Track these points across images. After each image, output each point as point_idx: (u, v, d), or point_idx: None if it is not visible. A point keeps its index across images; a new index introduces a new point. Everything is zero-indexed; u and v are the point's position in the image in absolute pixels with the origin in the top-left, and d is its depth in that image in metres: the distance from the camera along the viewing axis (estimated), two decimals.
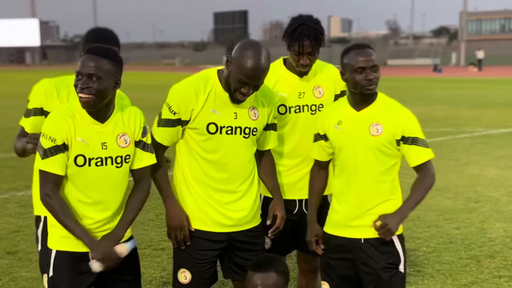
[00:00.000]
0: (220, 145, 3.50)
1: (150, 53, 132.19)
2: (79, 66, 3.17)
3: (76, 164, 3.22)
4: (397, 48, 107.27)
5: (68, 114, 3.22)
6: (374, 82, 3.45)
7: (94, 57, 3.18)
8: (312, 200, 3.81)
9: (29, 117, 3.63)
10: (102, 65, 3.16)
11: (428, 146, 3.54)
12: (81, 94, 3.14)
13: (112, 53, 3.22)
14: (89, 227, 3.27)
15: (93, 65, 3.16)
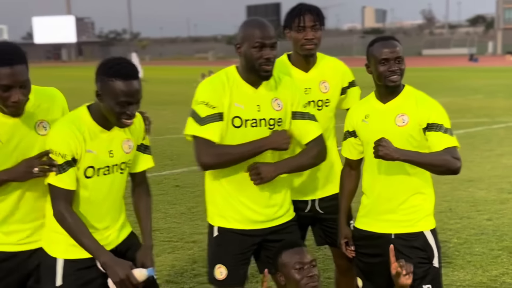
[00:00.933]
0: (246, 138, 3.46)
1: (184, 47, 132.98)
2: (123, 95, 3.03)
3: (85, 176, 3.19)
4: (432, 37, 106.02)
5: (76, 126, 3.14)
6: (398, 73, 3.46)
7: (136, 82, 3.10)
8: (342, 203, 3.80)
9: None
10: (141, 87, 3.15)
11: (453, 135, 3.49)
12: (129, 121, 3.10)
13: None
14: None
15: (139, 89, 3.10)
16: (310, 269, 3.19)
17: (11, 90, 2.93)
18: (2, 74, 2.91)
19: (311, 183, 3.92)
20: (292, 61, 3.88)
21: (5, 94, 2.93)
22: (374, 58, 3.49)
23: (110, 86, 3.06)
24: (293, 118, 3.57)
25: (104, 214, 3.29)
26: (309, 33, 3.72)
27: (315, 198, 3.96)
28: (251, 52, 3.38)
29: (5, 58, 2.92)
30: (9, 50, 2.98)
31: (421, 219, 3.55)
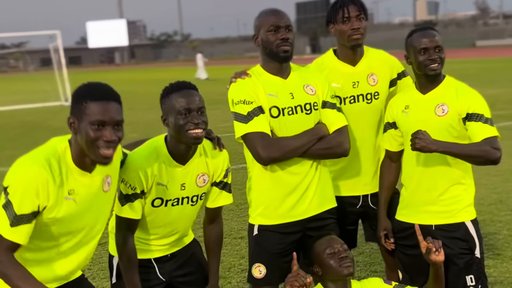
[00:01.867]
0: (286, 127, 3.51)
1: (234, 47, 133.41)
2: (182, 103, 3.11)
3: (152, 205, 3.29)
4: (487, 28, 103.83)
5: (154, 158, 3.21)
6: (437, 62, 3.47)
7: (193, 91, 3.18)
8: (382, 195, 3.81)
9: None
10: (201, 97, 3.20)
11: (493, 125, 3.46)
12: (197, 130, 3.11)
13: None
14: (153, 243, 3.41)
15: (199, 98, 3.16)
16: (341, 253, 3.27)
17: (105, 128, 2.75)
18: (97, 109, 2.74)
19: (363, 179, 3.92)
20: (339, 55, 3.88)
21: (97, 133, 2.74)
22: (413, 48, 3.52)
23: (169, 103, 3.15)
24: (322, 107, 3.60)
25: (165, 236, 3.41)
26: (354, 23, 3.72)
27: (367, 193, 3.95)
28: (267, 37, 3.49)
29: (103, 93, 2.80)
30: (105, 87, 2.85)
31: (461, 210, 3.55)
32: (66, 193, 2.79)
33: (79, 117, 2.75)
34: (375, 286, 3.41)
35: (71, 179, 2.81)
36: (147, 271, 3.39)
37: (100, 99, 2.75)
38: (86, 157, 2.81)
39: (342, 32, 3.76)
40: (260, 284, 3.67)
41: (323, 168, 3.64)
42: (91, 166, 2.87)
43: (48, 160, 2.76)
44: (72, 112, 2.79)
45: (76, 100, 2.80)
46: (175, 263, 3.49)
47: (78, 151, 2.81)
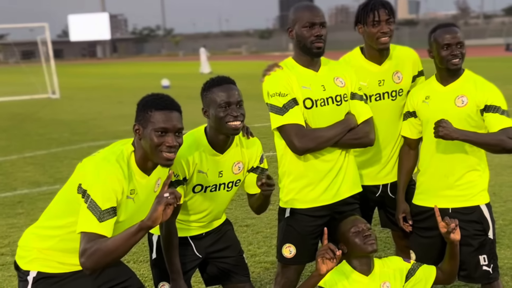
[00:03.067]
0: (319, 118, 3.72)
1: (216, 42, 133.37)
2: (222, 96, 3.37)
3: (193, 191, 3.57)
4: (468, 28, 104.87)
5: (195, 148, 3.49)
6: (459, 57, 3.73)
7: (232, 86, 3.45)
8: (401, 179, 4.05)
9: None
10: (240, 92, 3.47)
11: (509, 117, 3.75)
12: (236, 122, 3.38)
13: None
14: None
15: (237, 92, 3.44)
16: (366, 231, 3.51)
17: (167, 135, 3.04)
18: (161, 118, 3.03)
19: (384, 169, 4.15)
20: (365, 54, 4.07)
21: (160, 139, 3.03)
22: (436, 43, 3.76)
23: (210, 97, 3.41)
24: (351, 98, 3.82)
25: (202, 217, 3.69)
26: (384, 27, 3.89)
27: (387, 183, 4.19)
28: (302, 32, 3.68)
29: (167, 103, 3.09)
30: (168, 98, 3.15)
31: (477, 194, 3.82)
32: (128, 193, 3.06)
33: (144, 124, 3.06)
34: (395, 263, 3.66)
35: (134, 180, 3.09)
36: (185, 248, 3.64)
37: (164, 109, 3.05)
38: (148, 161, 3.11)
39: (371, 34, 3.93)
40: (290, 263, 3.91)
41: (350, 156, 3.88)
42: (150, 169, 3.15)
43: (118, 161, 3.04)
44: (137, 119, 3.10)
45: (141, 108, 3.10)
46: (210, 240, 3.77)
47: (141, 154, 3.10)
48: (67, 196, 3.13)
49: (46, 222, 3.25)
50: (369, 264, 3.56)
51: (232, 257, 3.84)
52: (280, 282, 3.94)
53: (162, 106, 3.06)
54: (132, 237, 2.83)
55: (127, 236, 2.84)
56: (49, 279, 3.18)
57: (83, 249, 2.89)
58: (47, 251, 3.18)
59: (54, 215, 3.23)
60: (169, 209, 2.82)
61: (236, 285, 3.84)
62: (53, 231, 3.18)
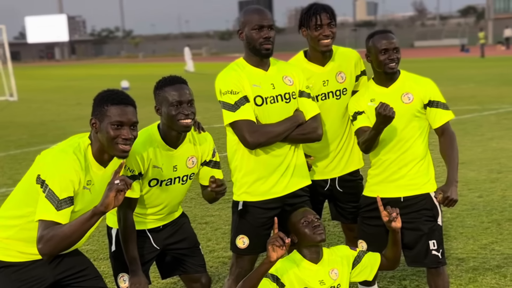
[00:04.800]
0: (269, 114, 3.92)
1: (176, 44, 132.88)
2: (174, 96, 3.54)
3: (149, 185, 3.74)
4: (424, 29, 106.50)
5: (149, 144, 3.65)
6: (395, 61, 4.00)
7: (184, 85, 3.63)
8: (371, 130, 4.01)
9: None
10: (191, 91, 3.65)
11: (449, 108, 4.08)
12: (187, 120, 3.56)
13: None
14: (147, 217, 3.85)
15: (189, 92, 3.62)
16: (315, 222, 3.72)
17: (123, 128, 3.22)
18: (117, 112, 3.21)
19: (331, 164, 4.37)
20: (309, 57, 4.29)
21: (116, 132, 3.21)
22: (374, 48, 4.01)
23: (163, 95, 3.59)
24: (299, 96, 4.03)
25: (159, 210, 3.85)
26: (326, 30, 4.11)
27: (335, 177, 4.41)
28: (251, 34, 3.89)
29: (122, 98, 3.27)
30: (123, 93, 3.34)
31: (426, 182, 4.09)
32: (85, 183, 3.23)
33: (100, 119, 3.23)
34: (343, 251, 3.88)
35: (90, 172, 3.25)
36: (143, 240, 3.81)
37: (120, 103, 3.24)
38: (105, 153, 3.28)
39: (314, 37, 4.15)
40: (243, 253, 4.11)
41: (299, 150, 4.09)
42: (107, 162, 3.32)
43: (75, 153, 3.21)
44: (94, 114, 3.27)
45: (98, 103, 3.28)
46: (167, 233, 3.94)
47: (98, 147, 3.27)
48: (26, 187, 3.27)
49: (6, 212, 3.38)
50: (318, 252, 3.77)
51: (188, 248, 4.02)
52: (234, 272, 4.13)
53: (118, 101, 3.24)
54: (86, 222, 3.01)
55: (82, 221, 3.02)
56: (9, 267, 3.30)
57: (40, 236, 3.04)
58: (7, 241, 3.31)
59: (13, 205, 3.36)
60: (120, 195, 2.98)
61: (193, 276, 4.01)
62: (12, 221, 3.31)
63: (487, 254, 5.75)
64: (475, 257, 5.66)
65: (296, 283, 3.67)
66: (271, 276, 3.62)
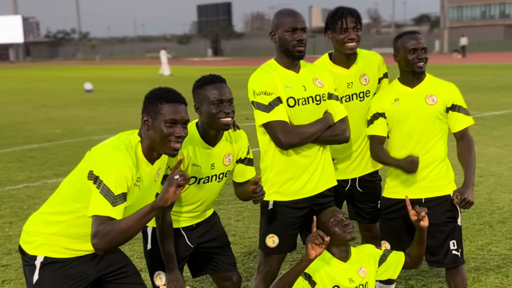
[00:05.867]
0: (301, 116, 3.98)
1: (133, 47, 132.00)
2: (215, 94, 3.59)
3: (187, 184, 3.72)
4: (380, 37, 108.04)
5: (188, 142, 3.64)
6: (424, 61, 4.10)
7: (224, 84, 3.67)
8: (391, 159, 4.21)
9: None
10: (230, 91, 3.68)
11: (470, 114, 4.18)
12: (227, 118, 3.59)
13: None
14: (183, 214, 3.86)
15: (229, 91, 3.66)
16: (344, 221, 3.79)
17: (176, 126, 3.23)
18: (171, 110, 3.22)
19: (352, 165, 4.45)
20: (334, 59, 4.37)
21: (170, 129, 3.22)
22: (403, 48, 4.10)
23: (204, 94, 3.62)
24: (328, 98, 4.09)
25: (194, 208, 3.86)
26: (351, 34, 4.19)
27: (355, 177, 4.49)
28: (284, 36, 3.95)
29: (175, 97, 3.28)
30: (176, 91, 3.33)
31: (447, 184, 4.20)
32: (136, 180, 3.23)
33: (153, 116, 3.24)
34: (369, 250, 3.96)
35: (140, 169, 3.25)
36: (177, 239, 3.82)
37: (173, 102, 3.26)
38: (154, 150, 3.29)
39: (339, 40, 4.23)
40: (273, 252, 4.15)
41: (327, 151, 4.16)
42: (155, 159, 3.33)
43: (127, 150, 3.21)
44: (146, 111, 3.27)
45: (151, 101, 3.28)
46: (200, 231, 3.96)
47: (148, 144, 3.28)
48: (76, 183, 3.26)
49: (53, 208, 3.35)
50: (347, 251, 3.83)
51: (220, 247, 4.04)
52: (263, 270, 4.17)
53: (172, 99, 3.26)
54: (144, 217, 3.01)
55: (140, 216, 3.02)
56: (55, 263, 3.29)
57: (95, 231, 3.02)
58: (53, 237, 3.29)
59: (61, 201, 3.33)
60: (178, 190, 3.00)
61: (224, 274, 4.03)
62: (59, 217, 3.29)
63: (485, 255, 5.90)
64: (474, 258, 5.80)
65: (327, 281, 3.73)
66: (304, 274, 3.67)
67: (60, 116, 18.57)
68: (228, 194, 8.01)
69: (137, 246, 6.31)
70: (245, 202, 7.37)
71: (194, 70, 39.54)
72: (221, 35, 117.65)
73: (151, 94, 3.32)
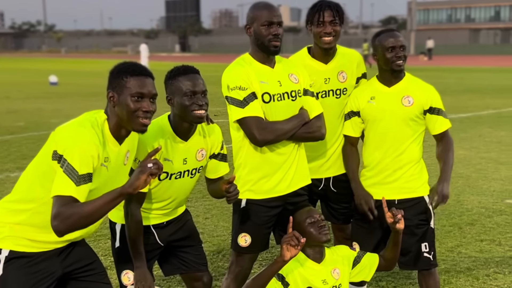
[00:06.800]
0: (276, 112, 3.86)
1: (100, 40, 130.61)
2: (188, 85, 3.43)
3: (159, 179, 3.59)
4: (348, 37, 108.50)
5: (160, 135, 3.52)
6: (402, 59, 4.01)
7: (198, 76, 3.51)
8: (354, 174, 4.21)
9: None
10: (204, 81, 3.54)
11: (448, 117, 4.09)
12: (201, 111, 3.44)
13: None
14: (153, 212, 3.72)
15: (202, 82, 3.51)
16: (320, 222, 3.70)
17: (143, 100, 3.06)
18: (137, 83, 3.05)
19: (326, 163, 4.35)
20: (312, 53, 4.27)
21: (137, 104, 3.04)
22: (381, 46, 4.00)
23: (176, 85, 3.47)
24: (304, 94, 3.99)
25: (165, 205, 3.71)
26: (327, 27, 4.09)
27: (329, 176, 4.39)
28: (260, 30, 3.83)
29: (141, 70, 3.12)
30: (141, 65, 3.17)
31: (420, 186, 4.10)
32: (103, 160, 3.04)
33: (119, 91, 3.06)
34: (343, 251, 3.87)
35: (107, 148, 3.07)
36: (147, 236, 3.67)
37: (140, 75, 3.07)
38: (122, 128, 3.10)
39: (316, 34, 4.14)
40: (245, 251, 4.03)
41: (301, 149, 4.06)
42: (123, 138, 3.15)
43: (94, 127, 3.02)
44: (111, 86, 3.09)
45: (116, 76, 3.09)
46: (171, 229, 3.81)
47: (115, 122, 3.09)
48: (40, 166, 3.06)
49: (17, 195, 3.15)
50: (322, 252, 3.74)
51: (192, 246, 3.91)
52: (234, 270, 4.05)
53: (138, 72, 3.08)
54: (111, 202, 2.85)
55: (106, 200, 2.85)
56: (20, 259, 3.09)
57: (56, 212, 2.84)
58: (19, 227, 3.09)
59: (25, 188, 3.13)
60: (149, 179, 2.84)
61: (194, 274, 3.89)
62: (25, 205, 3.09)
63: (455, 257, 5.88)
64: (444, 260, 5.77)
65: (301, 282, 3.64)
66: (277, 275, 3.57)
67: (24, 108, 18.19)
68: (196, 191, 7.89)
69: (102, 243, 6.16)
70: (213, 200, 7.28)
71: (161, 65, 39.16)
72: (189, 31, 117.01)
73: (116, 68, 3.14)
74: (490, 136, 13.16)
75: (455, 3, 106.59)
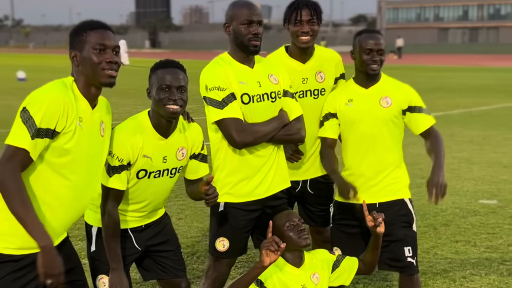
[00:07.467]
0: (255, 113, 3.77)
1: (68, 36, 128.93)
2: (164, 79, 3.34)
3: (137, 177, 3.47)
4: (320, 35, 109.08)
5: (139, 131, 3.42)
6: (378, 63, 3.93)
7: (177, 70, 3.41)
8: (335, 171, 4.05)
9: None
10: (185, 77, 3.43)
11: (430, 114, 4.03)
12: (174, 106, 3.33)
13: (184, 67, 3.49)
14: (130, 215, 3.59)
15: (182, 77, 3.40)
16: (300, 226, 3.62)
17: (105, 52, 2.97)
18: (97, 36, 2.97)
19: (303, 165, 4.27)
20: (290, 52, 4.19)
21: (100, 56, 2.95)
22: (359, 47, 3.93)
23: (155, 78, 3.38)
24: (283, 95, 3.90)
25: (143, 207, 3.59)
26: (305, 27, 4.03)
27: (306, 179, 4.32)
28: (239, 29, 3.72)
29: (100, 24, 3.04)
30: (98, 20, 3.08)
31: (401, 188, 4.05)
32: (78, 119, 2.93)
33: (80, 48, 2.97)
34: (323, 255, 3.80)
35: (80, 108, 2.96)
36: (124, 240, 3.55)
37: (99, 28, 3.01)
38: (91, 86, 3.00)
39: (293, 33, 4.08)
40: (223, 256, 3.93)
41: (281, 151, 3.96)
42: (93, 99, 3.04)
43: (64, 87, 2.93)
44: (72, 45, 3.00)
45: (75, 34, 3.02)
46: (149, 233, 3.69)
47: (83, 81, 2.99)
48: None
49: None
50: (301, 256, 3.66)
51: (171, 251, 3.78)
52: (211, 275, 3.94)
53: (97, 25, 3.02)
54: None
55: None
56: (5, 263, 2.88)
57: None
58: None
59: None
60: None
61: (172, 280, 3.77)
62: None
63: (431, 258, 5.85)
64: (421, 261, 5.71)
65: (280, 287, 3.55)
66: (256, 281, 3.48)
67: None
68: None
69: (73, 244, 6.00)
70: (187, 199, 7.16)
71: (131, 61, 38.93)
72: (159, 27, 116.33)
73: (74, 28, 3.07)
74: (461, 136, 13.25)
75: (424, 2, 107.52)
